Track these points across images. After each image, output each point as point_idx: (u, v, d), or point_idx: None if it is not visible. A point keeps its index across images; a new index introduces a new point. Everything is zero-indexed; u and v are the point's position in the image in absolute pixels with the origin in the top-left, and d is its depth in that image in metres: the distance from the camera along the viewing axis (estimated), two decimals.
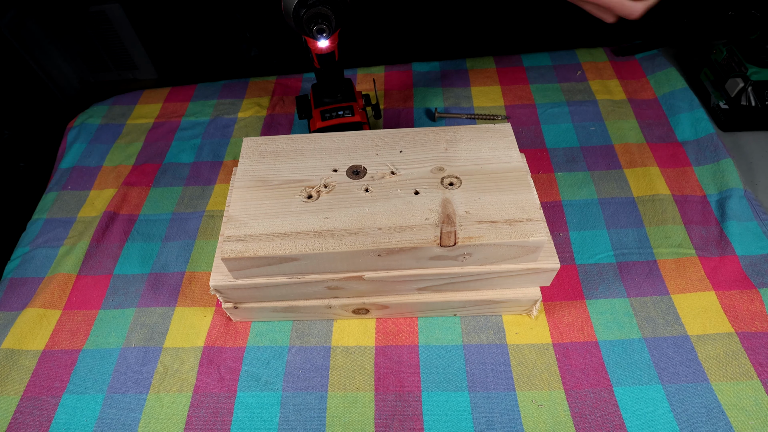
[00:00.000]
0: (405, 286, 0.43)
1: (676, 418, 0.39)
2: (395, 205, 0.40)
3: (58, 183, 0.63)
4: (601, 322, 0.45)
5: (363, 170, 0.43)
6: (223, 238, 0.39)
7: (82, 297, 0.51)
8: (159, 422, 0.42)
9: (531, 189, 0.40)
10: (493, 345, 0.45)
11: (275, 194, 0.41)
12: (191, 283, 0.51)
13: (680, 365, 0.42)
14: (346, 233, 0.38)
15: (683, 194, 0.54)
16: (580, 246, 0.51)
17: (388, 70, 0.73)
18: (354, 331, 0.46)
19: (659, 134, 0.61)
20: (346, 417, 0.41)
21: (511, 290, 0.43)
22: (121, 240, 0.55)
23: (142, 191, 0.60)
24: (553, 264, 0.40)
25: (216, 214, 0.57)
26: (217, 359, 0.45)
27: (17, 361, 0.46)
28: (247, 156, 0.45)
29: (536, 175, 0.58)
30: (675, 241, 0.50)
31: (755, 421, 0.39)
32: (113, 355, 0.46)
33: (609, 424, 0.40)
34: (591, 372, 0.42)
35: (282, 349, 0.46)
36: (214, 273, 0.41)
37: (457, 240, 0.37)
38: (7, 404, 0.43)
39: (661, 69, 0.68)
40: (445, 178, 0.41)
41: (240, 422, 0.41)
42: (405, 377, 0.43)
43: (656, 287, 0.47)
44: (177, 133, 0.68)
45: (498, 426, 0.40)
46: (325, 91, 0.59)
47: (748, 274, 0.47)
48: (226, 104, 0.71)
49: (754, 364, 0.42)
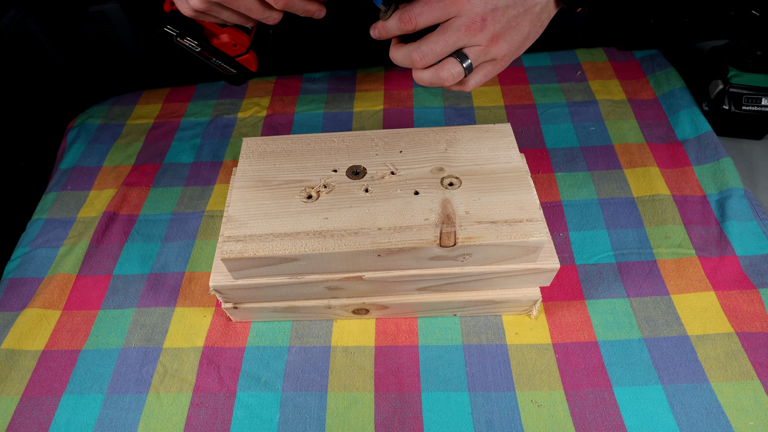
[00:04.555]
0: (405, 286, 0.43)
1: (675, 419, 0.39)
2: (395, 205, 0.40)
3: (58, 183, 0.63)
4: (601, 323, 0.45)
5: (363, 170, 0.43)
6: (222, 239, 0.39)
7: (81, 297, 0.51)
8: (159, 422, 0.42)
9: (531, 189, 0.40)
10: (492, 345, 0.45)
11: (275, 194, 0.41)
12: (191, 284, 0.51)
13: (680, 365, 0.42)
14: (346, 233, 0.38)
15: (683, 194, 0.54)
16: (580, 246, 0.51)
17: (388, 70, 0.73)
18: (354, 331, 0.46)
19: (659, 134, 0.61)
20: (345, 417, 0.41)
21: (511, 290, 0.43)
22: (120, 240, 0.55)
23: (142, 191, 0.60)
24: (553, 264, 0.40)
25: (216, 214, 0.57)
26: (216, 359, 0.45)
27: (17, 361, 0.46)
28: (247, 156, 0.45)
29: (536, 175, 0.58)
30: (675, 241, 0.50)
31: (755, 422, 0.39)
32: (113, 356, 0.46)
33: (609, 424, 0.40)
34: (591, 372, 0.42)
35: (282, 349, 0.46)
36: (214, 273, 0.41)
37: (457, 240, 0.37)
38: (7, 404, 0.43)
39: (661, 69, 0.68)
40: (445, 179, 0.41)
41: (240, 422, 0.41)
42: (405, 377, 0.43)
43: (656, 287, 0.47)
44: (177, 133, 0.68)
45: (498, 426, 0.40)
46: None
47: (748, 274, 0.47)
48: (226, 104, 0.71)
49: (754, 365, 0.42)
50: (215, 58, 0.46)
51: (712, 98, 0.59)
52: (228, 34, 0.45)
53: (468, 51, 0.35)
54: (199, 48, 0.45)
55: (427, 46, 0.35)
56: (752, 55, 0.58)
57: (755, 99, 0.57)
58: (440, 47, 0.35)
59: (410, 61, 0.36)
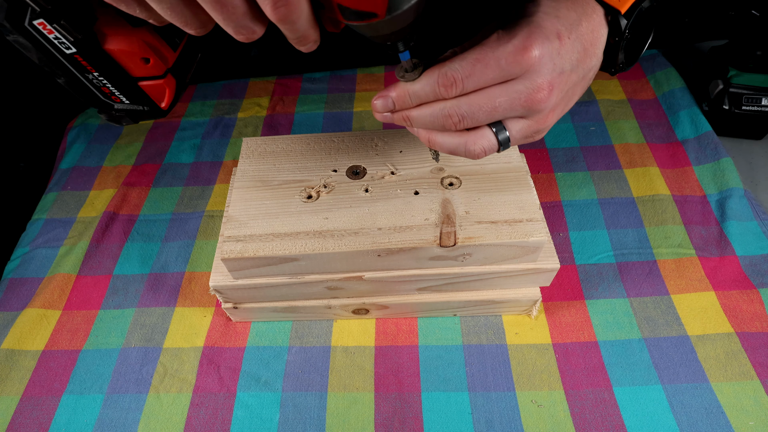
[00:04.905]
0: (405, 286, 0.43)
1: (675, 419, 0.39)
2: (395, 205, 0.40)
3: (58, 183, 0.63)
4: (601, 322, 0.45)
5: (363, 170, 0.43)
6: (222, 239, 0.39)
7: (81, 297, 0.51)
8: (159, 422, 0.42)
9: (531, 189, 0.40)
10: (492, 345, 0.45)
11: (275, 194, 0.41)
12: (191, 284, 0.51)
13: (680, 365, 0.42)
14: (346, 233, 0.38)
15: (683, 194, 0.54)
16: (580, 246, 0.51)
17: (388, 70, 0.73)
18: (354, 331, 0.46)
19: (659, 134, 0.61)
20: (345, 417, 0.41)
21: (511, 290, 0.43)
22: (120, 240, 0.55)
23: (141, 191, 0.60)
24: (552, 264, 0.40)
25: (216, 214, 0.57)
26: (216, 359, 0.45)
27: (17, 361, 0.46)
28: (246, 156, 0.45)
29: (536, 175, 0.58)
30: (675, 241, 0.50)
31: (755, 422, 0.39)
32: (113, 356, 0.46)
33: (609, 424, 0.40)
34: (591, 372, 0.42)
35: (282, 349, 0.46)
36: (214, 273, 0.41)
37: (457, 240, 0.37)
38: (7, 404, 0.43)
39: (661, 69, 0.68)
40: (445, 179, 0.41)
41: (240, 422, 0.41)
42: (405, 377, 0.43)
43: (656, 287, 0.47)
44: (177, 133, 0.68)
45: (498, 426, 0.40)
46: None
47: (748, 274, 0.47)
48: (226, 104, 0.71)
49: (754, 365, 0.42)
50: (99, 72, 0.28)
51: (712, 98, 0.59)
52: (141, 40, 0.28)
53: (510, 123, 0.28)
54: (73, 49, 0.27)
55: (470, 107, 0.27)
56: (752, 55, 0.58)
57: (755, 99, 0.57)
58: (485, 114, 0.27)
59: (441, 120, 0.28)
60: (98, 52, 0.27)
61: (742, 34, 0.59)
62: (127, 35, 0.27)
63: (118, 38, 0.27)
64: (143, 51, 0.28)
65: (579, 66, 0.28)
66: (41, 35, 0.25)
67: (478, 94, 0.27)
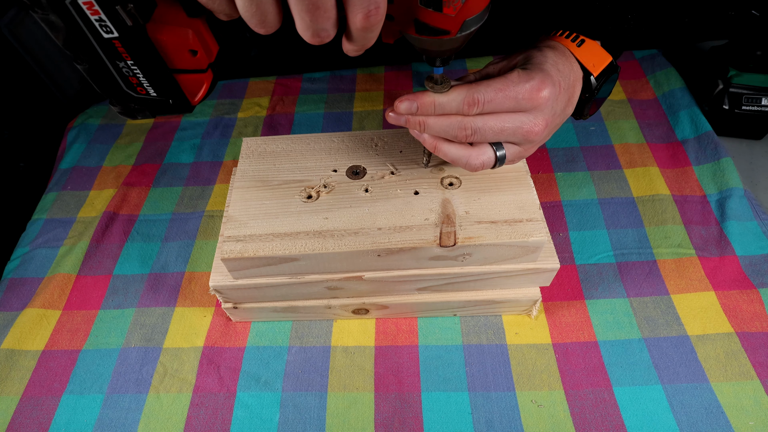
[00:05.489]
0: (405, 286, 0.43)
1: (675, 418, 0.39)
2: (395, 205, 0.40)
3: (58, 183, 0.63)
4: (601, 322, 0.45)
5: (363, 170, 0.43)
6: (222, 239, 0.39)
7: (81, 297, 0.51)
8: (159, 422, 0.42)
9: (531, 189, 0.40)
10: (492, 345, 0.45)
11: (275, 194, 0.41)
12: (191, 283, 0.51)
13: (680, 365, 0.42)
14: (346, 233, 0.38)
15: (683, 194, 0.54)
16: (580, 246, 0.51)
17: (388, 70, 0.73)
18: (354, 331, 0.46)
19: (659, 134, 0.61)
20: (345, 417, 0.41)
21: (511, 290, 0.43)
22: (120, 240, 0.55)
23: (141, 191, 0.60)
24: (552, 264, 0.40)
25: (216, 214, 0.57)
26: (216, 359, 0.45)
27: (17, 361, 0.46)
28: (246, 156, 0.45)
29: (536, 175, 0.58)
30: (675, 241, 0.50)
31: (755, 421, 0.39)
32: (113, 356, 0.46)
33: (609, 424, 0.40)
34: (591, 372, 0.42)
35: (282, 349, 0.46)
36: (214, 273, 0.41)
37: (456, 240, 0.37)
38: (7, 404, 0.43)
39: (661, 69, 0.68)
40: (445, 178, 0.41)
41: (240, 422, 0.41)
42: (405, 377, 0.43)
43: (656, 287, 0.47)
44: (177, 133, 0.68)
45: (498, 426, 0.40)
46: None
47: (748, 274, 0.47)
48: (226, 104, 0.71)
49: (753, 364, 0.42)
50: (134, 61, 0.26)
51: (712, 98, 0.59)
52: (195, 31, 0.26)
53: (506, 146, 0.34)
54: (115, 34, 0.24)
55: (484, 125, 0.32)
56: (752, 55, 0.58)
57: (755, 99, 0.57)
58: (492, 134, 0.33)
59: (455, 131, 0.33)
60: (143, 40, 0.25)
61: (742, 34, 0.59)
62: (181, 25, 0.26)
63: (171, 28, 0.26)
64: (194, 43, 0.26)
65: (563, 112, 0.35)
66: (82, 16, 0.23)
67: (493, 117, 0.33)
